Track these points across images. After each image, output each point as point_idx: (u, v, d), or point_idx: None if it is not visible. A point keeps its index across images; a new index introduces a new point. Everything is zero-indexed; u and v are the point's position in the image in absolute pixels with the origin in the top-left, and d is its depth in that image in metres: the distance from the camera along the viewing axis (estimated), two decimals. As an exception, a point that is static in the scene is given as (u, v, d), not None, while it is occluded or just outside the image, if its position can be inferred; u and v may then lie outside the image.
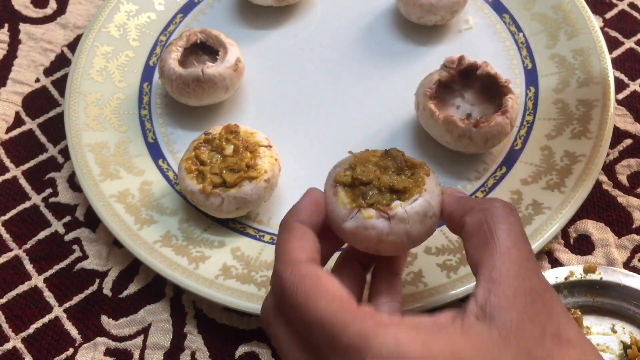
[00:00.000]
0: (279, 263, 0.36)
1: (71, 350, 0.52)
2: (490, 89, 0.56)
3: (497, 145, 0.55)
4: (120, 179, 0.57)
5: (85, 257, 0.56)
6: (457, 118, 0.53)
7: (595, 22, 0.62)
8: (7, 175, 0.61)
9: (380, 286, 0.43)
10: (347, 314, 0.33)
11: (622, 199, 0.56)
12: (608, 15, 0.67)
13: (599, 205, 0.56)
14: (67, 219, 0.58)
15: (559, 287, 0.49)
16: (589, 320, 0.49)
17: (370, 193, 0.41)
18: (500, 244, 0.35)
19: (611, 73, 0.59)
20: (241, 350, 0.51)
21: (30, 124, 0.64)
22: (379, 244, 0.40)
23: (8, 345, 0.52)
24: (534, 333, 0.33)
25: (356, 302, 0.34)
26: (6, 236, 0.57)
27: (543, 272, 0.52)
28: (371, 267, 0.44)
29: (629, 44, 0.65)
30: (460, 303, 0.48)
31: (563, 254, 0.54)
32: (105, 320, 0.53)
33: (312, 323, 0.33)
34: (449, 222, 0.41)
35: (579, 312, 0.48)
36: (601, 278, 0.49)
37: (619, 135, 0.59)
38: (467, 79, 0.57)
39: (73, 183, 0.60)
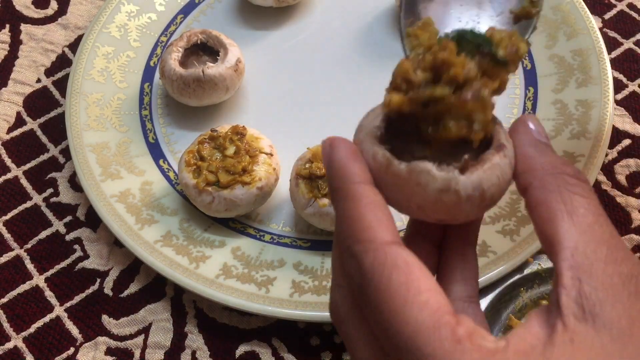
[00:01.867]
0: (355, 242, 0.28)
1: (72, 349, 0.52)
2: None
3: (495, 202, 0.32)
4: (121, 179, 0.58)
5: (86, 256, 0.56)
6: (431, 165, 0.29)
7: (594, 23, 0.62)
8: (9, 175, 0.61)
9: (452, 262, 0.34)
10: (444, 338, 0.26)
11: (621, 199, 0.56)
12: (607, 16, 0.67)
13: (598, 205, 0.56)
14: (68, 218, 0.58)
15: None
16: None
17: (324, 185, 0.50)
18: (578, 219, 0.28)
19: (610, 73, 0.59)
20: (241, 349, 0.51)
21: (31, 124, 0.64)
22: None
23: (9, 345, 0.52)
24: None
25: (452, 309, 0.27)
26: (7, 236, 0.58)
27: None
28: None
29: (628, 44, 0.65)
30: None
31: (562, 253, 0.54)
32: (106, 319, 0.53)
33: (398, 338, 0.26)
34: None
35: None
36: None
37: (617, 135, 0.60)
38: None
39: (74, 183, 0.60)
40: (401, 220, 0.54)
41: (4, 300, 0.54)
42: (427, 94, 0.30)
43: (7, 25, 0.70)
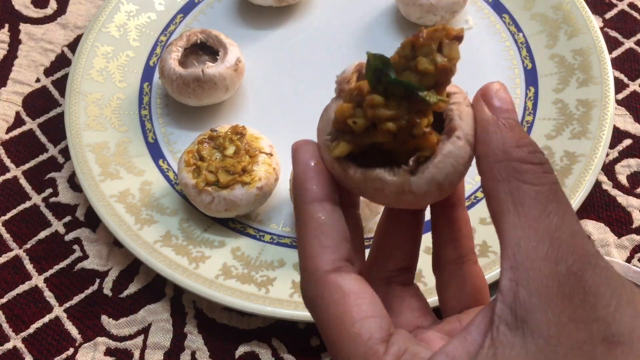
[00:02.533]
0: (303, 274, 0.30)
1: (71, 350, 0.52)
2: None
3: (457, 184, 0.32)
4: (120, 179, 0.57)
5: (85, 257, 0.56)
6: (382, 171, 0.29)
7: (595, 22, 0.62)
8: (8, 175, 0.61)
9: (439, 224, 0.34)
10: None
11: (622, 199, 0.56)
12: (608, 16, 0.67)
13: (598, 205, 0.56)
14: (68, 218, 0.58)
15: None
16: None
17: None
18: (524, 212, 0.27)
19: (611, 73, 0.59)
20: (241, 350, 0.51)
21: (30, 124, 0.64)
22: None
23: (8, 345, 0.52)
24: (579, 338, 0.25)
25: (385, 334, 0.27)
26: (6, 236, 0.57)
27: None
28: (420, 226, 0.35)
29: (629, 44, 0.65)
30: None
31: (563, 254, 0.54)
32: (105, 320, 0.53)
33: (335, 357, 0.28)
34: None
35: None
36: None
37: (618, 135, 0.59)
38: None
39: (73, 183, 0.60)
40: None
41: (3, 300, 0.54)
42: (368, 141, 0.29)
43: (6, 25, 0.70)
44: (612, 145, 0.58)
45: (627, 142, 0.59)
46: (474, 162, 0.29)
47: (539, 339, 0.25)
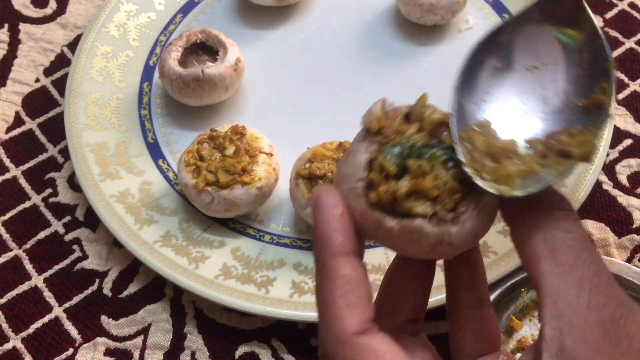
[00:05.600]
0: (326, 335, 0.28)
1: (71, 350, 0.52)
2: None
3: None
4: (120, 179, 0.57)
5: (85, 257, 0.56)
6: (423, 222, 0.29)
7: (596, 22, 0.62)
8: (7, 175, 0.61)
9: (456, 268, 0.33)
10: None
11: (622, 199, 0.56)
12: (608, 15, 0.67)
13: (599, 205, 0.56)
14: (67, 219, 0.58)
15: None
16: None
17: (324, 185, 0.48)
18: (560, 259, 0.27)
19: (611, 73, 0.59)
20: (241, 350, 0.51)
21: (30, 124, 0.64)
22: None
23: (8, 345, 0.52)
24: None
25: None
26: (6, 236, 0.57)
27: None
28: (429, 283, 0.35)
29: (629, 44, 0.65)
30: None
31: (563, 254, 0.54)
32: (105, 320, 0.53)
33: None
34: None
35: None
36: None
37: (619, 135, 0.59)
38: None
39: (73, 183, 0.60)
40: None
41: (3, 300, 0.54)
42: (406, 208, 0.29)
43: (6, 25, 0.70)
44: (612, 145, 0.58)
45: (628, 142, 0.59)
46: None
47: None
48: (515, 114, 0.31)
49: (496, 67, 0.31)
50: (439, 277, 0.35)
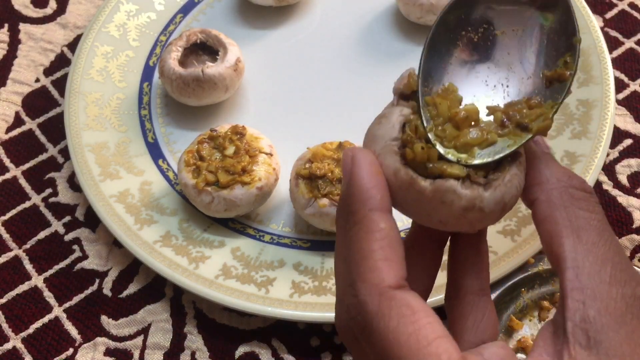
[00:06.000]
0: (360, 280, 0.28)
1: (71, 350, 0.52)
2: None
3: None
4: (120, 179, 0.57)
5: (85, 257, 0.56)
6: (456, 183, 0.29)
7: (596, 22, 0.62)
8: (7, 175, 0.61)
9: (464, 255, 0.34)
10: None
11: (622, 199, 0.56)
12: (608, 15, 0.67)
13: (599, 205, 0.56)
14: (67, 219, 0.58)
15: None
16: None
17: (324, 185, 0.50)
18: (583, 237, 0.28)
19: (611, 73, 0.59)
20: (241, 350, 0.51)
21: (30, 124, 0.64)
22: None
23: (8, 345, 0.52)
24: None
25: (461, 355, 0.27)
26: (6, 236, 0.57)
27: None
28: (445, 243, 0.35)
29: (629, 43, 0.65)
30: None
31: (563, 254, 0.54)
32: (105, 320, 0.53)
33: None
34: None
35: None
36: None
37: (619, 135, 0.59)
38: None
39: (73, 183, 0.60)
40: (402, 221, 0.54)
41: (3, 300, 0.54)
42: (439, 169, 0.29)
43: (6, 25, 0.70)
44: (612, 145, 0.58)
45: (628, 142, 0.59)
46: None
47: (615, 358, 0.26)
48: (481, 79, 0.32)
49: (468, 35, 0.32)
50: (441, 277, 0.35)
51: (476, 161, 0.29)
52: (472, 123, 0.30)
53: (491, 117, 0.31)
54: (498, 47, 0.32)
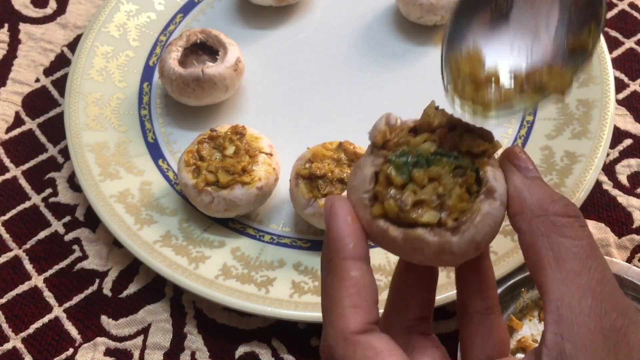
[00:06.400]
0: (330, 330, 0.29)
1: (71, 350, 0.52)
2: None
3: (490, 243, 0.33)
4: (120, 179, 0.57)
5: (85, 257, 0.56)
6: (424, 231, 0.30)
7: (596, 22, 0.62)
8: (7, 175, 0.61)
9: (467, 276, 0.34)
10: None
11: (622, 199, 0.56)
12: (608, 16, 0.67)
13: (599, 205, 0.56)
14: (67, 219, 0.58)
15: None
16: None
17: (324, 185, 0.50)
18: (565, 267, 0.28)
19: (611, 73, 0.59)
20: (241, 350, 0.51)
21: (30, 124, 0.64)
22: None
23: (8, 345, 0.52)
24: None
25: None
26: (6, 236, 0.57)
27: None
28: (434, 286, 0.36)
29: (629, 44, 0.65)
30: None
31: (563, 254, 0.53)
32: (105, 320, 0.53)
33: None
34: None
35: None
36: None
37: (619, 135, 0.59)
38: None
39: (73, 183, 0.60)
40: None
41: (3, 300, 0.54)
42: (411, 218, 0.30)
43: (6, 25, 0.70)
44: (612, 145, 0.58)
45: (628, 142, 0.59)
46: None
47: None
48: (506, 42, 0.32)
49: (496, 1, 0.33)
50: (441, 277, 0.35)
51: (492, 114, 0.30)
52: (492, 84, 0.31)
53: (511, 82, 0.31)
54: (525, 13, 0.32)
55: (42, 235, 0.57)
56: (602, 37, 0.60)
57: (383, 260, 0.52)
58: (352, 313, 0.29)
